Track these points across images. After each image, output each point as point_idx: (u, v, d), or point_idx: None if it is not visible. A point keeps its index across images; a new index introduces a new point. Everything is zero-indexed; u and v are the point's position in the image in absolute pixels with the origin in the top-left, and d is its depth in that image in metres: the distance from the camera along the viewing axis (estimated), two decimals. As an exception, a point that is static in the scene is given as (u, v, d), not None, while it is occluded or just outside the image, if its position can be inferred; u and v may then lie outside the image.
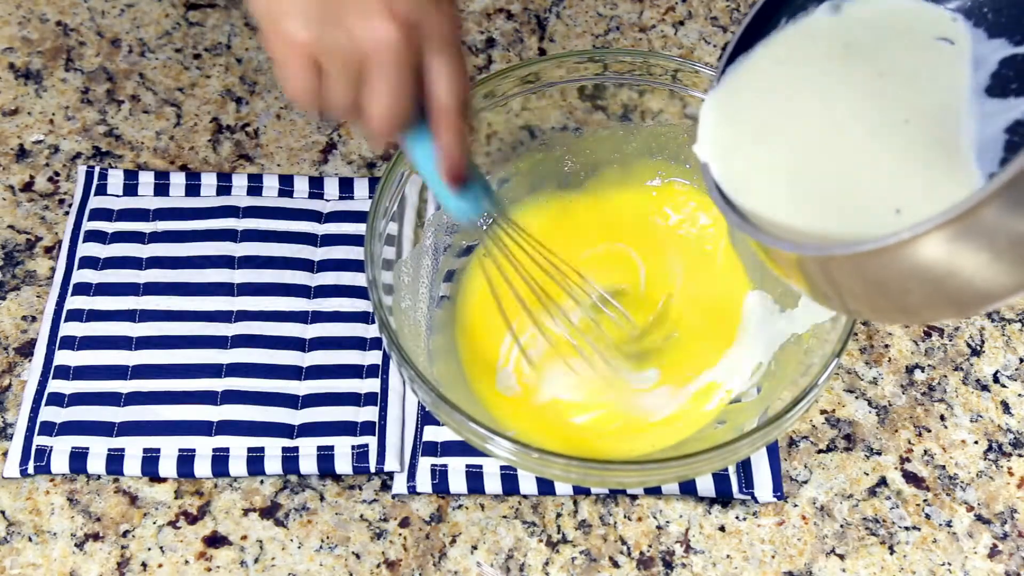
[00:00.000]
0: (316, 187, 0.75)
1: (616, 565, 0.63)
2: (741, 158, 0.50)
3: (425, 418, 0.66)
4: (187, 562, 0.63)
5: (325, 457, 0.65)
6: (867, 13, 0.50)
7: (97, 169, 0.76)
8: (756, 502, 0.64)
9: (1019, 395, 0.68)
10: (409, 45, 0.49)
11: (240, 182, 0.75)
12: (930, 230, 0.39)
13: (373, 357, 0.68)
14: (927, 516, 0.64)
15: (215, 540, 0.63)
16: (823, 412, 0.68)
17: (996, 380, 0.69)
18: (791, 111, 0.49)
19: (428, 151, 0.54)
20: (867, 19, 0.50)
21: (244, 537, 0.63)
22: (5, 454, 0.66)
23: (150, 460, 0.65)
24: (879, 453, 0.66)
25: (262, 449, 0.65)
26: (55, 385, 0.67)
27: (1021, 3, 0.45)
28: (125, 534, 0.64)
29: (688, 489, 0.64)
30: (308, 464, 0.65)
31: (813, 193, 0.47)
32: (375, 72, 0.49)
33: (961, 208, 0.38)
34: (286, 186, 0.75)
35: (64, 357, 0.68)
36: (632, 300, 0.69)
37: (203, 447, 0.65)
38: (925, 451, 0.66)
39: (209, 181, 0.75)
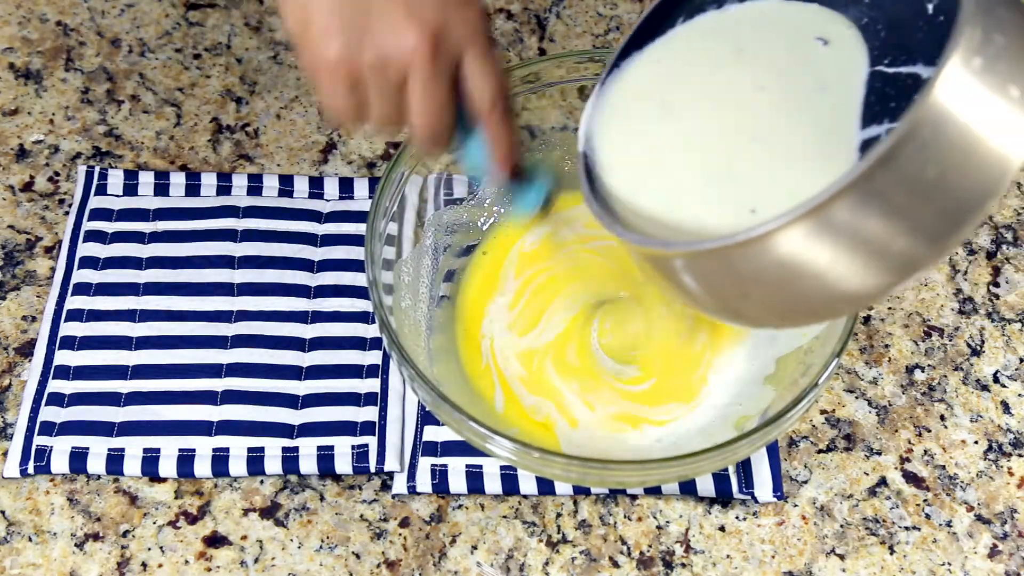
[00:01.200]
0: (316, 187, 0.75)
1: (616, 565, 0.63)
2: (620, 152, 0.50)
3: (425, 418, 0.66)
4: (187, 562, 0.63)
5: (325, 457, 0.65)
6: (765, 15, 0.50)
7: (97, 169, 0.76)
8: (756, 502, 0.64)
9: (1019, 395, 0.68)
10: (438, 51, 0.48)
11: (240, 182, 0.75)
12: (756, 236, 0.40)
13: (373, 357, 0.68)
14: (927, 516, 0.64)
15: (215, 540, 0.63)
16: (823, 412, 0.68)
17: (996, 380, 0.69)
18: (674, 108, 0.49)
19: (481, 146, 0.54)
20: (764, 21, 0.49)
21: (244, 537, 0.63)
22: (5, 454, 0.66)
23: (150, 460, 0.65)
24: (879, 453, 0.66)
25: (262, 449, 0.65)
26: (55, 385, 0.67)
27: (900, 27, 0.45)
28: (125, 534, 0.64)
29: (688, 489, 0.64)
30: (308, 464, 0.65)
31: (684, 189, 0.47)
32: (410, 83, 0.49)
33: (787, 217, 0.39)
34: (286, 186, 0.75)
35: (64, 357, 0.68)
36: (627, 304, 0.68)
37: (203, 447, 0.65)
38: (925, 451, 0.66)
39: (209, 181, 0.75)
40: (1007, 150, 0.40)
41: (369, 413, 0.66)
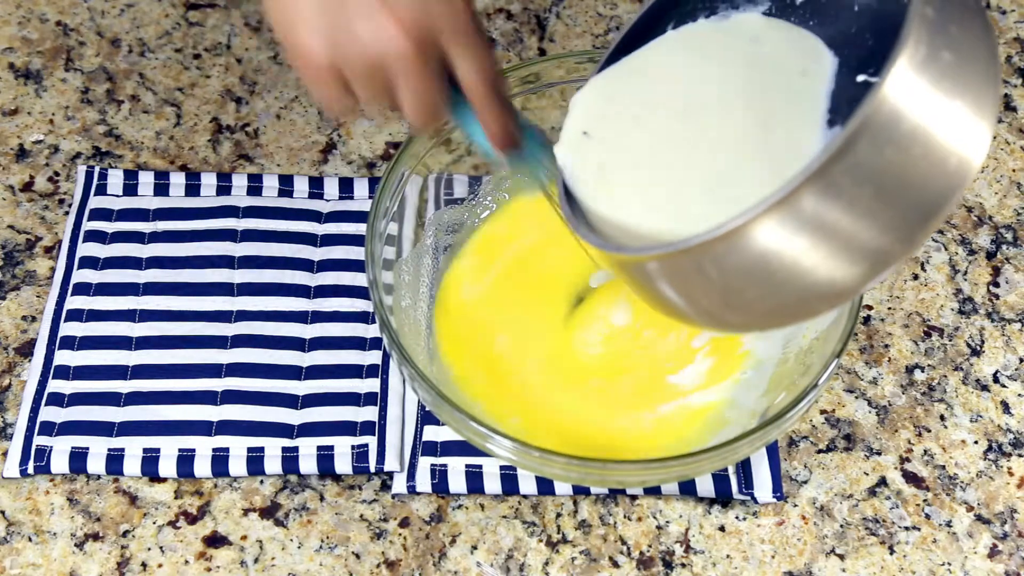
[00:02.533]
0: (316, 187, 0.75)
1: (616, 565, 0.63)
2: (597, 161, 0.51)
3: (425, 418, 0.66)
4: (187, 562, 0.63)
5: (325, 457, 0.65)
6: (749, 29, 0.51)
7: (97, 169, 0.76)
8: (756, 502, 0.64)
9: (1019, 395, 0.68)
10: (421, 44, 0.49)
11: (240, 182, 0.75)
12: (724, 234, 0.41)
13: (373, 357, 0.68)
14: (927, 516, 0.64)
15: (215, 540, 0.63)
16: (823, 412, 0.68)
17: (996, 380, 0.69)
18: (654, 115, 0.51)
19: (476, 123, 0.54)
20: (748, 34, 0.51)
21: (244, 537, 0.63)
22: (5, 454, 0.66)
23: (150, 460, 0.65)
24: (879, 453, 0.66)
25: (262, 449, 0.65)
26: (55, 385, 0.67)
27: (884, 37, 0.46)
28: (125, 534, 0.64)
29: (688, 489, 0.64)
30: (308, 464, 0.65)
31: (657, 198, 0.48)
32: (395, 75, 0.49)
33: (752, 212, 0.40)
34: (286, 186, 0.75)
35: (64, 357, 0.68)
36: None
37: (203, 447, 0.65)
38: (925, 451, 0.66)
39: (209, 181, 0.75)
40: (966, 147, 0.41)
41: (369, 413, 0.66)
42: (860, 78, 0.45)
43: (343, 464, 0.65)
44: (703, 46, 0.52)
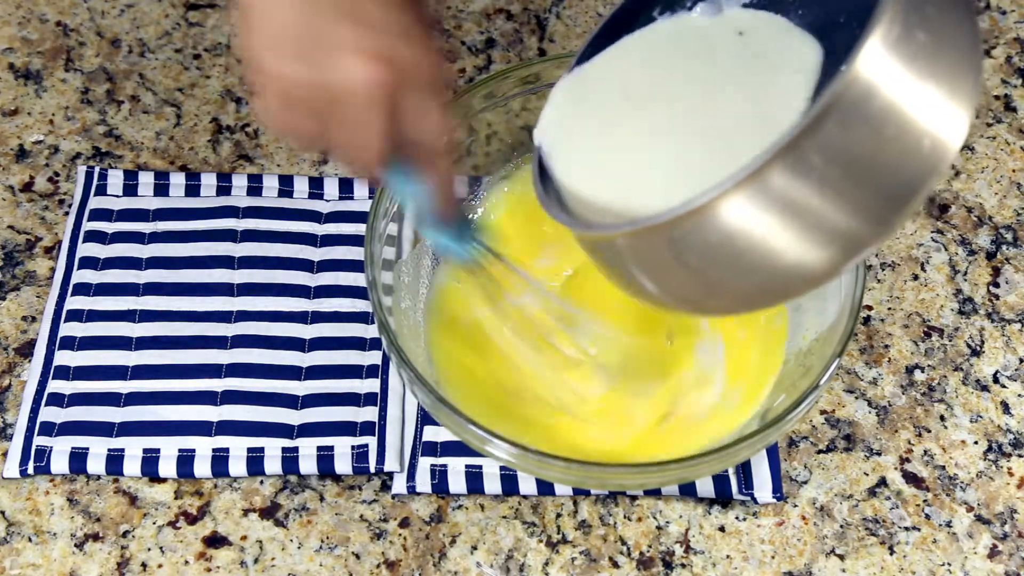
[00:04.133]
0: (316, 187, 0.75)
1: (616, 565, 0.63)
2: (575, 142, 0.51)
3: (425, 418, 0.66)
4: (187, 562, 0.63)
5: (325, 457, 0.65)
6: (737, 23, 0.51)
7: (97, 169, 0.76)
8: (756, 503, 0.64)
9: (1019, 395, 0.68)
10: (382, 85, 0.47)
11: (240, 182, 0.75)
12: (695, 208, 0.41)
13: (373, 357, 0.68)
14: (927, 516, 0.64)
15: (215, 540, 0.63)
16: (823, 412, 0.68)
17: (996, 380, 0.69)
18: (628, 101, 0.50)
19: (410, 187, 0.53)
20: (735, 27, 0.50)
21: (244, 537, 0.63)
22: (5, 454, 0.66)
23: (150, 460, 0.65)
24: (879, 453, 0.66)
25: (262, 449, 0.65)
26: (55, 385, 0.67)
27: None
28: (125, 534, 0.64)
29: (688, 490, 0.64)
30: (308, 464, 0.65)
31: (635, 178, 0.47)
32: (348, 112, 0.48)
33: (722, 187, 0.40)
34: (286, 186, 0.75)
35: (64, 357, 0.68)
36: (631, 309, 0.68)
37: (203, 447, 0.65)
38: (925, 451, 0.66)
39: (209, 181, 0.75)
40: (941, 129, 0.41)
41: (369, 413, 0.66)
42: (843, 68, 0.45)
43: (343, 464, 0.65)
44: (688, 38, 0.51)
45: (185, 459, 0.65)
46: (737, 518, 0.64)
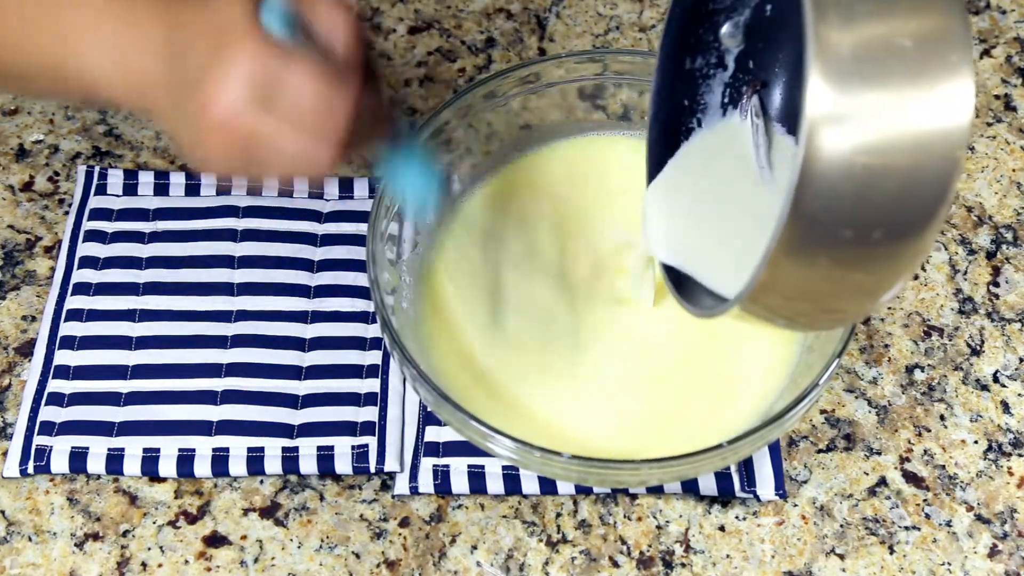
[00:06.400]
0: (316, 187, 0.75)
1: (616, 565, 0.63)
2: (683, 246, 0.58)
3: (427, 418, 0.66)
4: (187, 562, 0.63)
5: (325, 457, 0.65)
6: (735, 131, 0.59)
7: (97, 169, 0.76)
8: (758, 500, 0.64)
9: (1019, 395, 0.68)
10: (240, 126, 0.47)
11: (240, 182, 0.75)
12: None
13: (373, 357, 0.68)
14: (927, 516, 0.64)
15: (215, 540, 0.63)
16: (823, 412, 0.68)
17: (996, 380, 0.69)
18: (711, 200, 0.58)
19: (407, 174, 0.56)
20: (736, 136, 0.58)
21: (244, 537, 0.63)
22: (5, 454, 0.66)
23: (150, 460, 0.65)
24: (879, 453, 0.66)
25: (262, 449, 0.65)
26: (55, 385, 0.67)
27: None
28: (125, 534, 0.64)
29: (690, 488, 0.64)
30: (308, 464, 0.65)
31: (718, 256, 0.56)
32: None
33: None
34: (286, 186, 0.75)
35: (64, 357, 0.68)
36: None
37: (203, 447, 0.65)
38: (925, 451, 0.66)
39: (209, 181, 0.75)
40: (942, 129, 0.41)
41: (369, 413, 0.66)
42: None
43: (343, 464, 0.65)
44: (732, 142, 0.58)
45: (185, 459, 0.65)
46: (737, 517, 0.64)
